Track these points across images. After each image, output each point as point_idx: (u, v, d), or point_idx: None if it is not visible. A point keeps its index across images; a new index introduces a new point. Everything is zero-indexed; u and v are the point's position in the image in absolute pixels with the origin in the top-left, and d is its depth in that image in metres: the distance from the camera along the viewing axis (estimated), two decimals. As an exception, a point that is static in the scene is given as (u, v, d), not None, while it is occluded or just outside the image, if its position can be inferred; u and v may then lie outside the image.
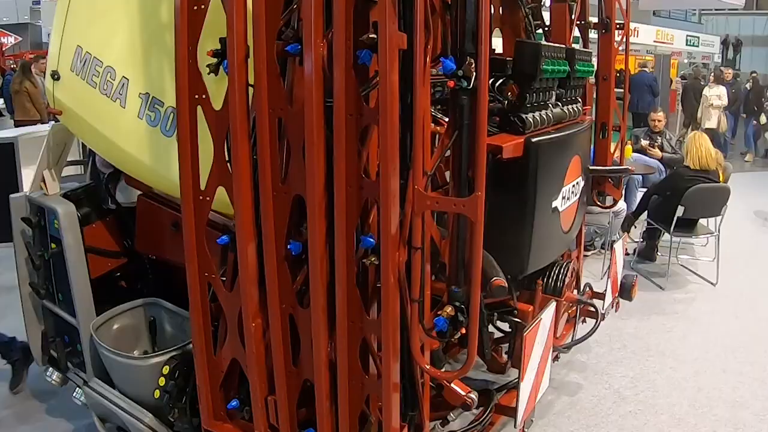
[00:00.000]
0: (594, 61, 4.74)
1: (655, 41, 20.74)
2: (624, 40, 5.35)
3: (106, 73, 3.89)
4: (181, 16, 3.17)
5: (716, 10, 31.77)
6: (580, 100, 4.35)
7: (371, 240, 2.86)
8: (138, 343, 4.47)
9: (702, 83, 19.66)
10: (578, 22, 5.01)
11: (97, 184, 4.74)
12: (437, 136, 3.32)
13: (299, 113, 2.85)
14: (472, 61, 2.62)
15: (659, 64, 20.97)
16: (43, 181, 4.58)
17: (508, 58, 3.85)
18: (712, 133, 14.84)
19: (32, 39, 38.47)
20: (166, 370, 3.86)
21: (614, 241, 7.53)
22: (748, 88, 20.16)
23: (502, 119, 3.54)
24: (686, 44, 22.33)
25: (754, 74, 21.53)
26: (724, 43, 36.02)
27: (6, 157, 8.19)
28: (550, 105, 3.80)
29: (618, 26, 5.27)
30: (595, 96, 5.24)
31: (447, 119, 3.03)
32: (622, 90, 5.63)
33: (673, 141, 10.40)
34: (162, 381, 3.86)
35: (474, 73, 2.62)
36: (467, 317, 2.86)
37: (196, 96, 3.21)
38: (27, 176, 8.07)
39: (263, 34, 2.87)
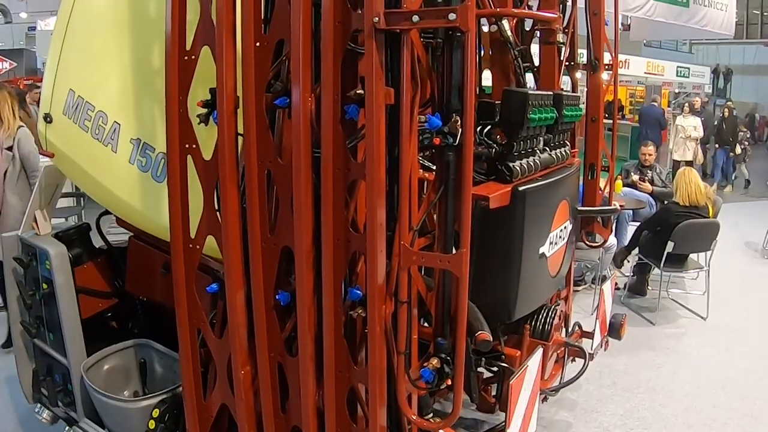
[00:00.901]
0: (582, 104, 4.79)
1: (645, 73, 20.87)
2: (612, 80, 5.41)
3: (98, 117, 3.93)
4: (171, 65, 3.21)
5: (707, 40, 31.92)
6: (568, 143, 4.38)
7: (358, 292, 2.89)
8: (128, 384, 4.48)
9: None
10: (567, 63, 5.05)
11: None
12: (425, 183, 3.36)
13: (288, 166, 2.89)
14: (458, 118, 2.66)
15: (650, 94, 21.12)
16: (35, 221, 4.59)
17: (496, 102, 3.90)
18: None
19: (27, 65, 38.40)
20: (156, 413, 3.88)
21: (604, 276, 7.58)
22: (724, 116, 19.75)
23: (489, 167, 3.57)
24: (677, 75, 22.47)
25: (729, 103, 21.45)
26: (715, 72, 36.23)
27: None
28: (537, 151, 3.83)
29: (606, 66, 5.33)
30: (583, 137, 5.28)
31: (434, 167, 3.06)
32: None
33: (663, 174, 10.43)
34: (152, 424, 3.88)
35: (460, 130, 2.66)
36: (453, 369, 2.89)
37: (187, 145, 3.24)
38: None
39: (252, 86, 2.92)
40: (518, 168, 3.50)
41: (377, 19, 2.55)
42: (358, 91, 2.70)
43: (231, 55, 3.01)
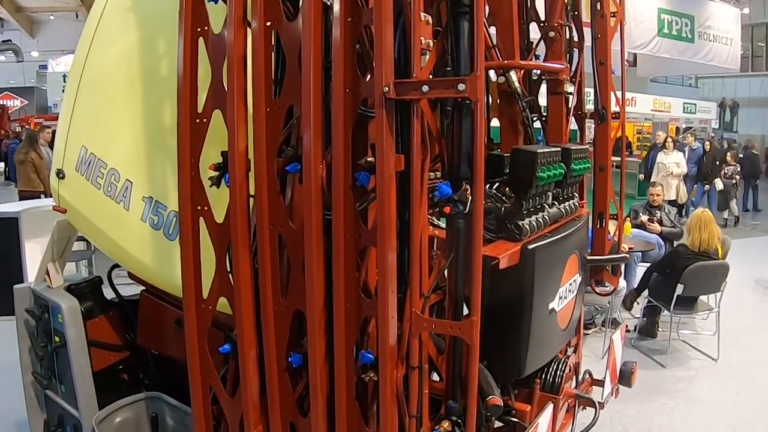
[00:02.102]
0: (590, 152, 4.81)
1: (652, 110, 20.96)
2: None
3: (110, 175, 3.97)
4: (183, 129, 3.26)
5: (712, 73, 32.09)
6: (576, 194, 4.40)
7: (370, 356, 2.90)
8: (140, 438, 4.49)
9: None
10: (575, 113, 5.08)
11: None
12: (434, 240, 3.39)
13: (299, 231, 2.92)
14: (468, 186, 2.69)
15: (657, 130, 21.18)
16: (47, 273, 4.63)
17: (505, 155, 3.93)
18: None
19: (38, 103, 38.82)
20: (167, 468, 3.89)
21: (614, 319, 7.58)
22: (705, 151, 19.20)
23: (498, 224, 3.59)
24: (683, 111, 22.55)
25: (712, 137, 21.26)
26: (721, 105, 36.33)
27: (9, 231, 8.30)
28: (546, 206, 3.84)
29: (614, 115, 5.35)
30: (592, 185, 5.29)
31: (444, 226, 3.08)
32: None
33: (672, 214, 10.43)
34: (164, 480, 3.89)
35: (470, 198, 2.69)
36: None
37: (199, 207, 3.28)
38: (30, 249, 8.19)
39: (263, 152, 2.96)
40: (527, 226, 3.51)
41: (387, 88, 2.59)
42: (368, 159, 2.73)
43: (242, 120, 3.06)
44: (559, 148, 3.88)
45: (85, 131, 4.19)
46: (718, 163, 18.91)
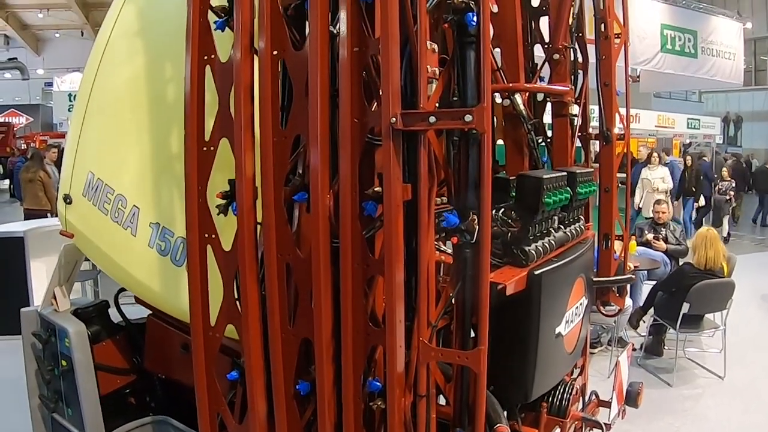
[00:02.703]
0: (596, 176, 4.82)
1: (656, 126, 21.00)
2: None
3: (117, 200, 3.98)
4: (190, 157, 3.28)
5: (716, 88, 32.19)
6: (582, 217, 4.40)
7: (378, 384, 2.91)
8: (147, 462, 4.49)
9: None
10: (580, 134, 5.08)
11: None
12: (441, 264, 3.39)
13: (307, 259, 2.93)
14: (475, 216, 2.70)
15: (661, 146, 21.19)
16: (54, 297, 4.64)
17: (510, 178, 3.94)
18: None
19: (43, 120, 38.98)
20: (174, 492, 3.89)
21: (620, 338, 7.56)
22: (686, 165, 18.68)
23: (505, 249, 3.59)
24: (687, 127, 22.59)
25: (694, 152, 21.15)
26: (725, 120, 36.36)
27: (16, 251, 8.31)
28: (552, 231, 3.85)
29: (619, 137, 5.36)
30: (597, 205, 5.29)
31: (450, 252, 3.09)
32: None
33: (677, 232, 10.42)
34: (171, 503, 3.89)
35: (477, 228, 2.70)
36: (472, 459, 2.90)
37: (206, 235, 3.29)
38: (35, 269, 8.20)
39: (271, 182, 2.97)
40: (534, 251, 3.51)
41: (394, 119, 2.61)
42: (376, 189, 2.74)
43: (249, 148, 3.07)
44: (565, 173, 3.88)
45: (92, 156, 4.21)
46: (702, 178, 18.75)
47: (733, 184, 18.90)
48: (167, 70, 3.94)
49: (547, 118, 4.88)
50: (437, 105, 2.80)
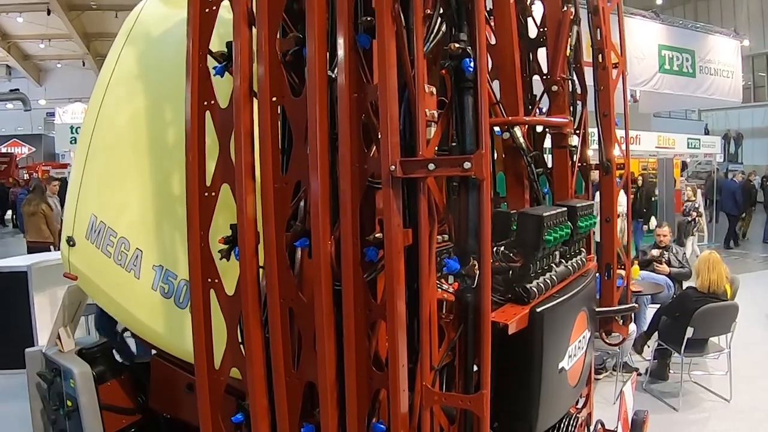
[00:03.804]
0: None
1: (657, 147, 21.03)
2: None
3: (120, 243, 4.01)
4: (192, 202, 3.30)
5: (715, 106, 32.32)
6: (583, 250, 4.41)
7: (382, 427, 2.91)
8: (152, 502, 4.49)
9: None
10: (580, 164, 5.10)
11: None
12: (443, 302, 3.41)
13: (310, 303, 2.95)
14: (475, 262, 2.71)
15: (662, 167, 21.21)
16: (59, 338, 4.66)
17: (511, 212, 3.95)
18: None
19: (46, 150, 39.10)
20: None
21: (625, 363, 7.54)
22: (638, 186, 18.48)
23: (506, 286, 3.60)
24: (687, 147, 22.62)
25: (644, 171, 21.18)
26: (725, 137, 36.40)
27: (19, 285, 8.37)
28: (553, 266, 3.86)
29: (619, 166, 5.38)
30: (598, 239, 5.30)
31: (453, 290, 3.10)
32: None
33: (680, 255, 10.43)
34: None
35: (477, 273, 2.71)
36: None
37: (209, 280, 3.31)
38: (39, 303, 8.24)
39: (272, 228, 2.99)
40: (535, 289, 3.52)
41: (394, 167, 2.63)
42: (377, 235, 2.76)
43: (251, 194, 3.09)
44: (565, 208, 3.90)
45: (94, 199, 4.24)
46: (653, 199, 18.68)
47: (697, 204, 18.76)
48: (167, 112, 3.98)
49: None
50: (436, 149, 2.82)
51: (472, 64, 2.74)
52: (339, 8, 2.82)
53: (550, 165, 4.94)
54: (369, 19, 2.78)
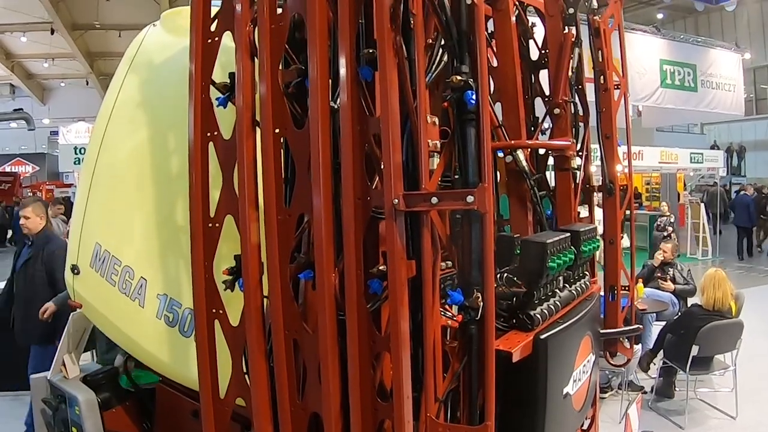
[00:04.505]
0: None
1: (660, 162, 21.03)
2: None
3: (124, 272, 4.02)
4: (196, 233, 3.31)
5: (718, 120, 32.35)
6: (587, 273, 4.41)
7: (388, 459, 2.92)
8: None
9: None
10: (583, 186, 5.09)
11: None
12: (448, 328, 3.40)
13: (314, 335, 2.95)
14: (479, 294, 2.72)
15: (665, 181, 21.27)
16: (64, 365, 4.66)
17: (515, 236, 3.95)
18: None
19: (49, 169, 39.14)
20: None
21: (631, 381, 7.52)
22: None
23: (510, 313, 3.60)
24: (690, 161, 22.60)
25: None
26: (728, 150, 36.41)
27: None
28: (557, 291, 3.86)
29: (622, 188, 5.38)
30: (603, 261, 5.29)
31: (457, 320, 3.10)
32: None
33: (684, 271, 10.40)
34: None
35: (481, 305, 2.71)
36: None
37: (213, 311, 3.31)
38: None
39: (276, 260, 3.00)
40: (539, 315, 3.51)
41: (397, 201, 2.63)
42: (380, 268, 2.77)
43: (255, 224, 3.11)
44: (568, 233, 3.89)
45: (98, 227, 4.25)
46: None
47: (672, 219, 18.74)
48: (170, 141, 4.00)
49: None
50: (439, 181, 2.83)
51: (474, 97, 2.75)
52: (341, 40, 2.83)
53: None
54: (371, 51, 2.80)
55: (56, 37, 31.00)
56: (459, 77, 2.77)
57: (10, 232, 29.19)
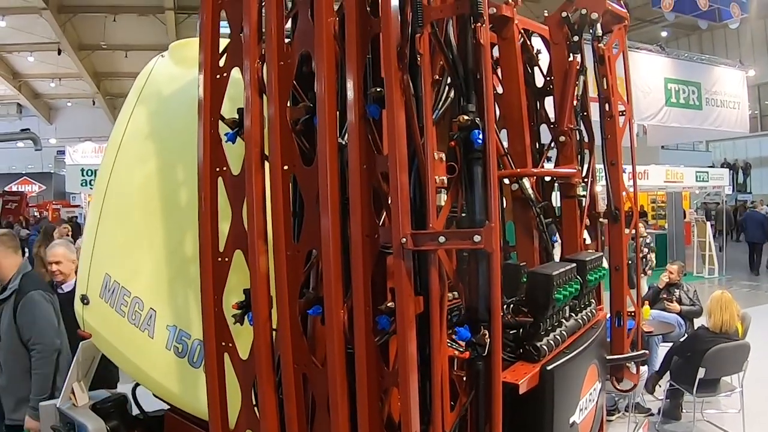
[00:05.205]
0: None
1: (665, 181, 21.02)
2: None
3: (134, 303, 4.05)
4: (205, 268, 3.35)
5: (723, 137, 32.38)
6: (593, 301, 4.43)
7: (395, 493, 2.94)
8: None
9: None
10: (589, 213, 5.11)
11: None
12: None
13: (323, 370, 2.97)
14: (486, 331, 2.74)
15: (671, 200, 21.28)
16: (73, 392, 4.68)
17: (521, 264, 3.98)
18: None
19: (56, 188, 39.31)
20: None
21: (638, 403, 7.50)
22: None
23: (516, 344, 3.62)
24: (696, 180, 22.59)
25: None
26: (733, 167, 36.41)
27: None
28: (563, 321, 3.88)
29: (627, 213, 5.39)
30: (609, 288, 5.29)
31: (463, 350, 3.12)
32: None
33: (690, 292, 10.39)
34: None
35: (488, 341, 2.74)
36: None
37: (223, 344, 3.34)
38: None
39: (285, 296, 3.03)
40: (545, 347, 3.54)
41: (405, 240, 2.66)
42: (389, 305, 2.79)
43: (264, 261, 3.14)
44: (574, 264, 3.92)
45: (108, 258, 4.28)
46: None
47: (648, 240, 18.75)
48: (179, 173, 4.03)
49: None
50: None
51: (480, 136, 2.78)
52: (349, 78, 2.87)
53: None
54: (379, 90, 2.83)
55: (63, 57, 31.23)
56: (466, 117, 2.80)
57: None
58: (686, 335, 9.49)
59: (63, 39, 28.39)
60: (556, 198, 5.05)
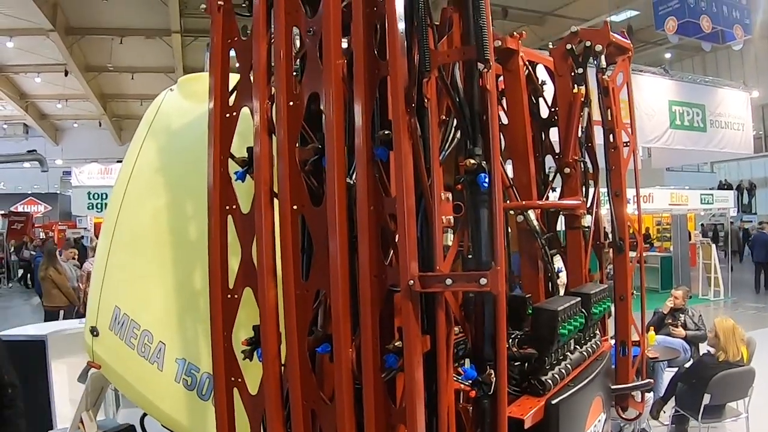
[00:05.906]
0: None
1: (670, 204, 21.02)
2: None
3: (143, 336, 4.09)
4: (215, 304, 3.38)
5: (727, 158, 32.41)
6: (598, 332, 4.46)
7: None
8: None
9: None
10: (594, 243, 5.15)
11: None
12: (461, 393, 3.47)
13: (332, 406, 3.01)
14: (492, 371, 2.79)
15: (676, 222, 21.27)
16: (82, 422, 4.72)
17: (526, 295, 4.02)
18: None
19: (61, 208, 39.37)
20: None
21: (643, 429, 7.51)
22: None
23: (521, 378, 3.65)
24: (701, 202, 22.59)
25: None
26: (738, 188, 36.41)
27: (37, 354, 8.40)
28: (568, 354, 3.91)
29: (632, 242, 5.43)
30: (613, 317, 5.32)
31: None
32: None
33: (695, 317, 10.38)
34: None
35: (494, 380, 2.78)
36: None
37: (232, 379, 3.38)
38: (56, 370, 8.27)
39: (294, 334, 3.06)
40: (550, 381, 3.58)
41: (412, 281, 2.71)
42: (396, 344, 2.83)
43: (273, 299, 3.17)
44: (579, 298, 3.96)
45: (118, 290, 4.32)
46: None
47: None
48: (188, 207, 4.08)
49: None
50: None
51: (487, 180, 2.83)
52: (357, 121, 2.91)
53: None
54: (387, 132, 2.87)
55: (70, 78, 31.39)
56: (472, 161, 2.85)
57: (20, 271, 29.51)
58: (691, 360, 9.50)
59: (70, 60, 28.49)
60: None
